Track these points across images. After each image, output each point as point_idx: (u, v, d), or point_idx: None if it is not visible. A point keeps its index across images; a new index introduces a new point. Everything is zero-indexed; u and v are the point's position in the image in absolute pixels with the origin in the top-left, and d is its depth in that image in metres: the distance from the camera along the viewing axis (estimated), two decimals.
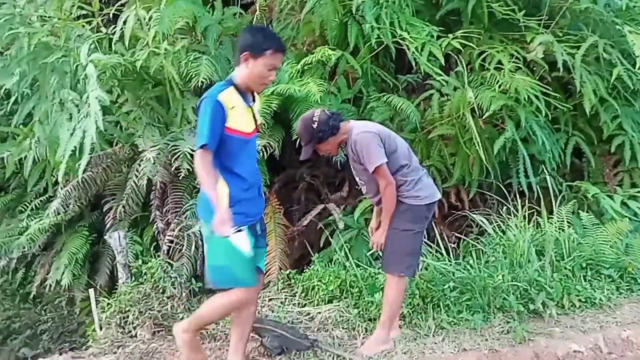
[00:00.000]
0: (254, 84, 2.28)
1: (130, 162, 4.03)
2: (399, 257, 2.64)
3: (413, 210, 2.62)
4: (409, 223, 2.61)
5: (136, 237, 3.84)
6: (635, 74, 4.21)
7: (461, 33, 4.15)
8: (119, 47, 4.02)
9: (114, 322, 2.94)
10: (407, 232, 2.61)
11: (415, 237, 2.65)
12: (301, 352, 2.65)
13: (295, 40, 4.73)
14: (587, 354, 2.81)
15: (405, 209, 2.62)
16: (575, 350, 2.80)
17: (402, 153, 2.66)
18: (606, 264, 3.62)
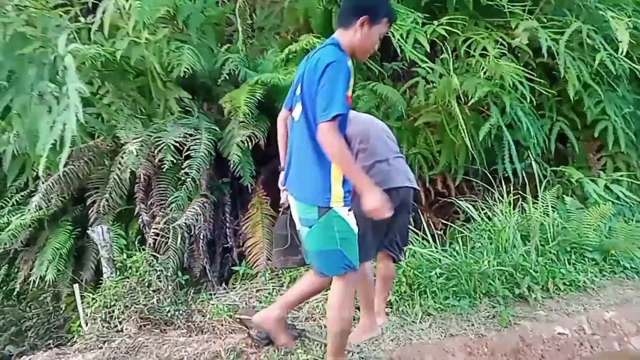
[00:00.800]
0: (363, 52, 2.04)
1: (113, 155, 3.96)
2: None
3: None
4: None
5: (120, 231, 3.78)
6: (617, 59, 4.24)
7: (446, 20, 4.14)
8: (98, 37, 3.92)
9: (99, 317, 2.90)
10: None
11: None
12: None
13: (279, 29, 4.69)
14: (571, 336, 2.86)
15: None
16: (560, 333, 2.85)
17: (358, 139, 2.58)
18: (590, 247, 3.68)
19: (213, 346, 2.63)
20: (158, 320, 2.92)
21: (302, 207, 2.03)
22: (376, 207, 1.91)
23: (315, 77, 1.91)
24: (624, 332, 2.98)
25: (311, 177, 1.98)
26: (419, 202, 4.37)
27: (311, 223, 2.00)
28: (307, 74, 1.98)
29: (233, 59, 3.94)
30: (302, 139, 2.01)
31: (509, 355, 2.67)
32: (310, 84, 1.94)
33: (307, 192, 2.02)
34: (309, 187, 2.00)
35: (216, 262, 3.99)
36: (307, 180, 2.00)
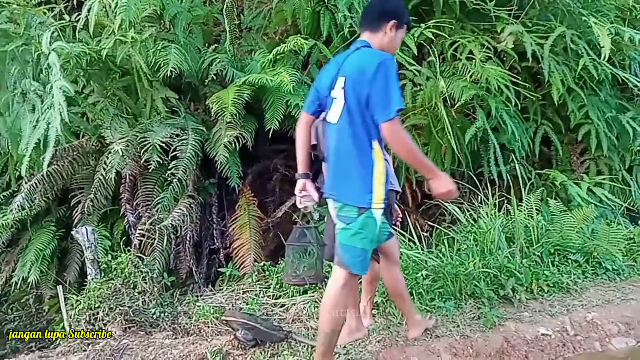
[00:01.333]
0: (391, 53, 2.10)
1: (98, 155, 3.92)
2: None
3: None
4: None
5: (105, 232, 3.74)
6: (600, 64, 4.32)
7: (433, 23, 4.17)
8: (83, 36, 3.88)
9: (83, 319, 2.86)
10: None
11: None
12: (275, 343, 2.64)
13: (267, 29, 4.68)
14: (554, 336, 2.90)
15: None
16: (544, 334, 2.88)
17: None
18: (573, 249, 3.74)
19: (199, 348, 2.61)
20: (143, 322, 2.89)
21: (345, 209, 2.07)
22: (450, 190, 2.06)
23: (365, 79, 1.94)
24: (605, 332, 3.03)
25: (353, 179, 2.02)
26: (406, 204, 4.41)
27: (349, 221, 2.05)
28: (351, 78, 2.00)
29: (220, 59, 3.92)
30: (343, 140, 2.03)
31: (493, 356, 2.69)
32: (358, 87, 1.97)
33: (348, 193, 2.05)
34: (350, 188, 2.03)
35: (202, 264, 3.97)
36: (349, 181, 2.03)
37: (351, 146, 2.00)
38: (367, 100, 1.95)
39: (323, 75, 2.21)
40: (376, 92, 1.92)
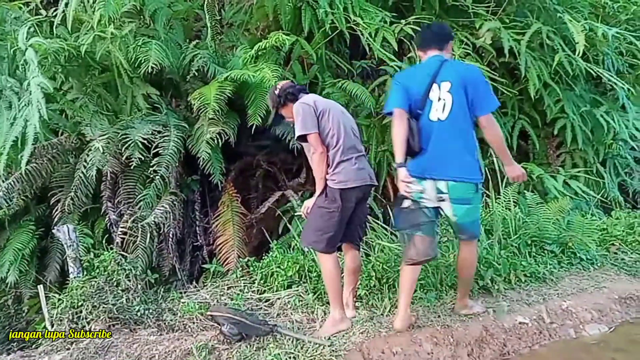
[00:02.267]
0: None
1: (78, 152, 3.87)
2: (309, 230, 2.74)
3: (329, 190, 2.67)
4: (326, 202, 2.67)
5: (87, 230, 3.71)
6: (575, 59, 4.43)
7: (413, 19, 4.22)
8: (61, 31, 3.82)
9: (66, 318, 2.83)
10: (321, 209, 2.68)
11: (328, 215, 2.65)
12: (261, 337, 2.67)
13: (248, 25, 4.67)
14: (531, 325, 2.99)
15: (328, 188, 2.67)
16: (521, 322, 2.97)
17: (333, 134, 2.67)
18: (549, 240, 3.85)
19: (184, 344, 2.62)
20: (127, 320, 2.88)
21: (463, 187, 2.52)
22: (522, 174, 2.65)
23: (470, 84, 2.48)
24: (579, 320, 3.13)
25: (468, 161, 2.53)
26: (388, 199, 4.47)
27: (469, 200, 2.54)
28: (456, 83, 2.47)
29: (202, 55, 3.91)
30: (454, 132, 2.49)
31: (473, 344, 2.77)
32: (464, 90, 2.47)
33: (467, 174, 2.52)
34: (467, 170, 2.53)
35: (186, 261, 3.97)
36: (465, 164, 2.52)
37: (462, 135, 2.50)
38: (472, 100, 2.47)
39: (413, 81, 2.59)
40: (480, 93, 2.48)
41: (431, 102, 2.51)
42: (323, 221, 2.68)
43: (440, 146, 2.51)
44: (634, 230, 4.34)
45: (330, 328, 2.72)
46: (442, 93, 2.49)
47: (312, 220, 2.75)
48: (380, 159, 4.40)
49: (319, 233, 2.68)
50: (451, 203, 2.55)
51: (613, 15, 5.13)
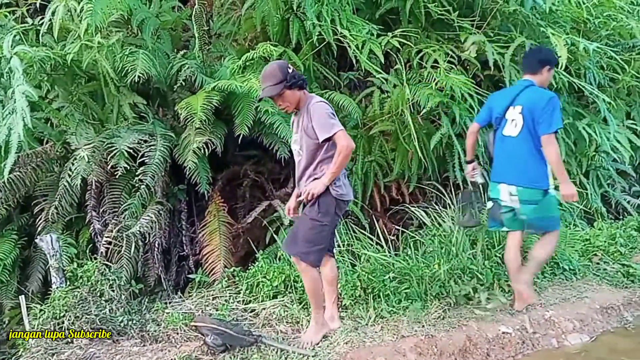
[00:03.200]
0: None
1: (63, 161, 3.84)
2: (298, 240, 2.73)
3: (327, 201, 2.67)
4: (319, 214, 2.68)
5: (71, 240, 3.67)
6: (558, 73, 4.52)
7: (400, 32, 4.28)
8: (47, 40, 3.81)
9: (47, 329, 2.80)
10: (313, 221, 2.69)
11: (319, 228, 2.69)
12: (245, 348, 2.66)
13: (236, 36, 4.69)
14: (514, 334, 3.03)
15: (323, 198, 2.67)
16: (504, 332, 3.01)
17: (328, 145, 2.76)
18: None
19: (168, 355, 2.61)
20: (111, 331, 2.85)
21: (530, 192, 3.03)
22: (573, 194, 2.98)
23: (539, 108, 2.95)
24: (562, 329, 3.18)
25: (537, 172, 3.01)
26: (375, 209, 4.50)
27: (536, 202, 3.03)
28: (527, 107, 3.01)
29: (189, 65, 3.92)
30: (525, 147, 3.02)
31: (456, 354, 2.79)
32: (533, 113, 2.97)
33: (533, 182, 3.02)
34: (536, 178, 3.02)
35: (171, 271, 3.94)
36: (535, 174, 3.02)
37: (530, 150, 3.01)
38: (536, 122, 2.95)
39: (497, 102, 3.22)
40: (543, 117, 2.93)
41: (506, 120, 3.12)
42: (314, 234, 2.69)
43: (511, 158, 3.10)
44: (616, 241, 4.41)
45: (313, 335, 2.72)
46: (515, 114, 3.06)
47: (303, 232, 2.72)
48: (367, 169, 4.44)
49: (310, 245, 2.68)
50: (520, 203, 3.08)
51: (594, 31, 5.26)
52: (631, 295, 3.61)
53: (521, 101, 3.05)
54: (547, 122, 2.91)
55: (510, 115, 3.08)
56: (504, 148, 3.14)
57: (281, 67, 2.68)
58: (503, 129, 3.13)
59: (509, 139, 3.09)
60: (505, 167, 3.13)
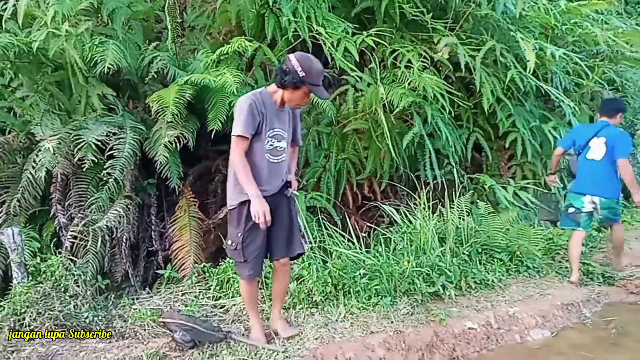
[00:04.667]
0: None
1: (26, 152, 3.70)
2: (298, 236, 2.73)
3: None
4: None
5: (34, 233, 3.53)
6: (526, 77, 4.66)
7: (375, 31, 4.32)
8: (10, 26, 3.67)
9: (7, 326, 2.70)
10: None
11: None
12: (214, 344, 2.64)
13: (210, 29, 4.64)
14: (479, 330, 3.11)
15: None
16: (470, 328, 3.09)
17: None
18: (498, 248, 4.01)
19: (135, 351, 2.56)
20: (75, 327, 2.78)
21: (607, 201, 3.92)
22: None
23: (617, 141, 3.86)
24: (525, 325, 3.29)
25: (615, 187, 3.94)
26: (347, 206, 4.53)
27: (610, 206, 3.94)
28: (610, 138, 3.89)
29: (162, 57, 3.84)
30: (604, 168, 3.89)
31: (424, 349, 2.85)
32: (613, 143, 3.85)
33: (610, 194, 3.92)
34: (611, 191, 3.92)
35: (140, 266, 3.86)
36: (613, 188, 3.94)
37: (607, 171, 3.89)
38: (614, 150, 3.84)
39: (580, 134, 4.11)
40: (619, 146, 3.83)
41: (589, 147, 3.97)
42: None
43: (597, 176, 3.92)
44: None
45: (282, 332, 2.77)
46: (599, 143, 3.92)
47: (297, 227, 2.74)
48: (340, 166, 4.47)
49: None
50: (600, 209, 3.93)
51: (561, 37, 5.45)
52: (590, 293, 3.77)
53: (604, 134, 3.93)
54: (621, 150, 3.82)
55: (594, 144, 3.95)
56: (587, 168, 3.98)
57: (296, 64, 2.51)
58: (586, 154, 3.99)
59: (593, 161, 3.94)
60: (590, 183, 3.96)
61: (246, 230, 2.51)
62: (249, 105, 2.43)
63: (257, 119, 2.45)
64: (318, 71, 2.48)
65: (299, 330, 2.82)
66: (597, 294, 3.78)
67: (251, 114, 2.42)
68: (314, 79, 2.46)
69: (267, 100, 2.53)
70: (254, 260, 2.55)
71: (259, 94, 2.53)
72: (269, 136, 2.54)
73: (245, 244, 2.52)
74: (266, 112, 2.51)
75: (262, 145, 2.52)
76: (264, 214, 2.39)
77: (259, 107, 2.48)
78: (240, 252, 2.53)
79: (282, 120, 2.60)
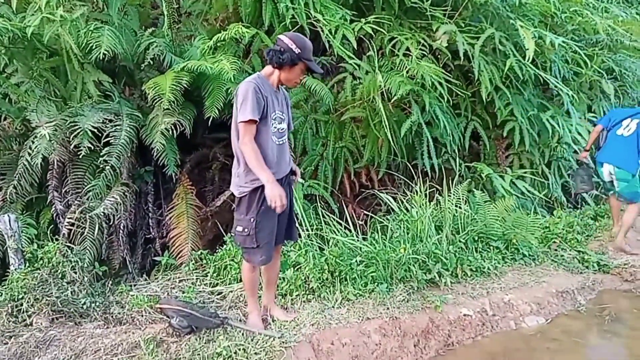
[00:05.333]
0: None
1: (22, 139, 3.69)
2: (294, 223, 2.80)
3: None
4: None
5: (30, 220, 3.54)
6: (524, 65, 4.64)
7: (373, 18, 4.28)
8: (4, 10, 3.63)
9: (4, 312, 2.71)
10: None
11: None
12: (211, 330, 2.65)
13: (207, 15, 4.60)
14: (475, 317, 3.14)
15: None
16: (465, 314, 3.11)
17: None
18: (495, 237, 4.03)
19: (132, 337, 2.58)
20: (72, 313, 2.79)
21: (625, 173, 4.34)
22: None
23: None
24: (519, 312, 3.32)
25: (630, 159, 4.32)
26: (344, 194, 4.54)
27: (628, 180, 4.33)
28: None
29: (158, 44, 3.80)
30: (629, 142, 4.34)
31: (419, 335, 2.87)
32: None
33: (626, 166, 4.33)
34: (628, 164, 4.33)
35: (137, 253, 3.87)
36: (627, 160, 4.33)
37: (631, 147, 4.32)
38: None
39: (617, 115, 4.59)
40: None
41: (621, 125, 4.46)
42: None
43: (619, 148, 4.39)
44: (574, 229, 4.61)
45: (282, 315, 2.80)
46: (632, 124, 4.40)
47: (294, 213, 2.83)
48: (337, 154, 4.46)
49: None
50: (616, 179, 4.40)
51: (560, 25, 5.40)
52: (585, 280, 3.79)
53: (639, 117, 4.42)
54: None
55: (626, 122, 4.45)
56: (612, 141, 4.48)
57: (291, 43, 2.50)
58: (617, 130, 4.48)
59: (620, 137, 4.43)
60: (609, 153, 4.47)
61: (259, 215, 2.49)
62: (253, 89, 2.40)
63: (262, 103, 2.43)
64: (310, 47, 2.53)
65: (296, 315, 2.84)
66: (592, 281, 3.80)
67: (256, 97, 2.40)
68: (308, 54, 2.50)
69: (265, 83, 2.52)
70: (267, 245, 2.55)
71: (257, 77, 2.50)
72: (272, 118, 2.53)
73: (259, 229, 2.50)
74: (267, 95, 2.50)
75: (267, 129, 2.50)
76: (281, 198, 2.32)
77: (262, 91, 2.46)
78: (253, 238, 2.50)
79: (280, 102, 2.61)
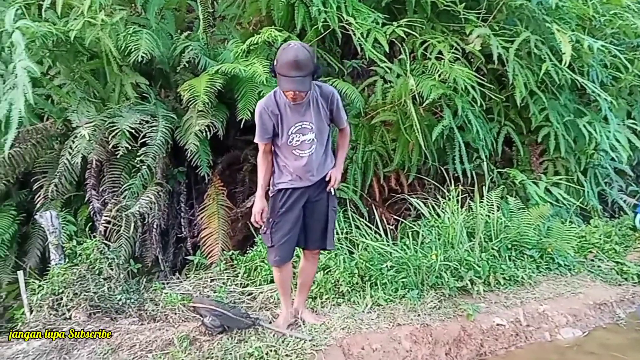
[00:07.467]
0: None
1: (63, 139, 3.82)
2: (331, 233, 2.77)
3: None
4: (335, 201, 2.79)
5: (70, 217, 3.66)
6: (561, 69, 4.52)
7: (405, 22, 4.26)
8: (49, 15, 3.77)
9: (46, 305, 2.81)
10: (334, 210, 2.77)
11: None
12: (242, 330, 2.68)
13: (241, 19, 4.66)
14: (508, 327, 3.07)
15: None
16: (498, 324, 3.04)
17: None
18: (529, 245, 3.92)
19: (166, 334, 2.63)
20: (109, 308, 2.87)
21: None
22: None
23: None
24: (555, 323, 3.22)
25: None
26: (374, 199, 4.52)
27: None
28: None
29: (193, 47, 3.89)
30: None
31: (451, 344, 2.83)
32: None
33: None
34: None
35: (169, 252, 3.96)
36: None
37: None
38: None
39: None
40: None
41: None
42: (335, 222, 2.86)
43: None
44: (611, 239, 4.45)
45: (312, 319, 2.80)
46: None
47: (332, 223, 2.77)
48: (367, 158, 4.44)
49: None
50: None
51: (599, 29, 5.25)
52: (624, 293, 3.66)
53: None
54: None
55: None
56: None
57: (312, 55, 2.39)
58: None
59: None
60: None
61: (277, 216, 2.59)
62: (259, 112, 2.49)
63: (269, 124, 2.48)
64: (284, 61, 2.30)
65: (326, 319, 2.84)
66: (631, 294, 3.66)
67: (262, 121, 2.49)
68: (280, 68, 2.32)
69: (281, 98, 2.47)
70: (281, 247, 2.61)
71: (272, 94, 2.51)
72: (292, 132, 2.49)
73: (274, 230, 2.60)
74: (281, 111, 2.46)
75: (286, 143, 2.52)
76: (255, 215, 2.57)
77: (271, 110, 2.46)
78: (269, 237, 2.62)
79: (302, 113, 2.49)
